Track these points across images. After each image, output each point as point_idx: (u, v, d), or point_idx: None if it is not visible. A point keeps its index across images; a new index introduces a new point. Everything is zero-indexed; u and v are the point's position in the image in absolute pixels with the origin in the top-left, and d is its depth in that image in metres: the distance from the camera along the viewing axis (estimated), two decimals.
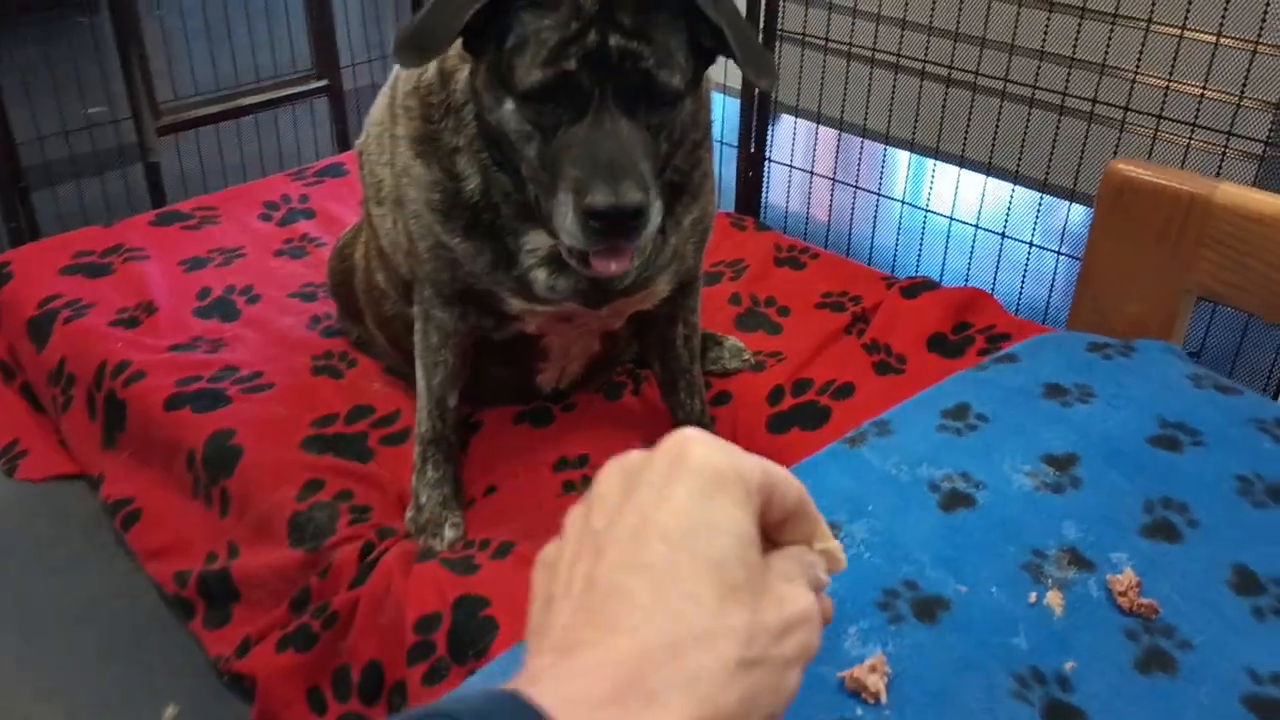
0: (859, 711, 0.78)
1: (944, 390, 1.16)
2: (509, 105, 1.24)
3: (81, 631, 1.72)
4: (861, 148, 2.75)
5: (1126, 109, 2.17)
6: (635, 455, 0.56)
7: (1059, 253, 2.39)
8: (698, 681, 0.47)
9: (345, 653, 1.53)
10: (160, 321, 2.12)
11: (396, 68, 1.58)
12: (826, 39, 2.59)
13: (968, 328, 2.09)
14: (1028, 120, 2.36)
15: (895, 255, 2.67)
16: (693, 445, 0.54)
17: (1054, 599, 0.89)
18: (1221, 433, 1.06)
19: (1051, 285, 2.55)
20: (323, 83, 3.07)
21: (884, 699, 0.79)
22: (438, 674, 1.41)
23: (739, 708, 0.48)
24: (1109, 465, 1.02)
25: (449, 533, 1.63)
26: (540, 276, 1.46)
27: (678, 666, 0.47)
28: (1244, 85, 2.05)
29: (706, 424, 1.81)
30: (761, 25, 2.68)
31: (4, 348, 2.23)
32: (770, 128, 2.81)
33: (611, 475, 0.56)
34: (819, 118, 2.64)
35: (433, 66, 1.39)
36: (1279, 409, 1.11)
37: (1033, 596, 0.89)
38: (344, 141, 3.16)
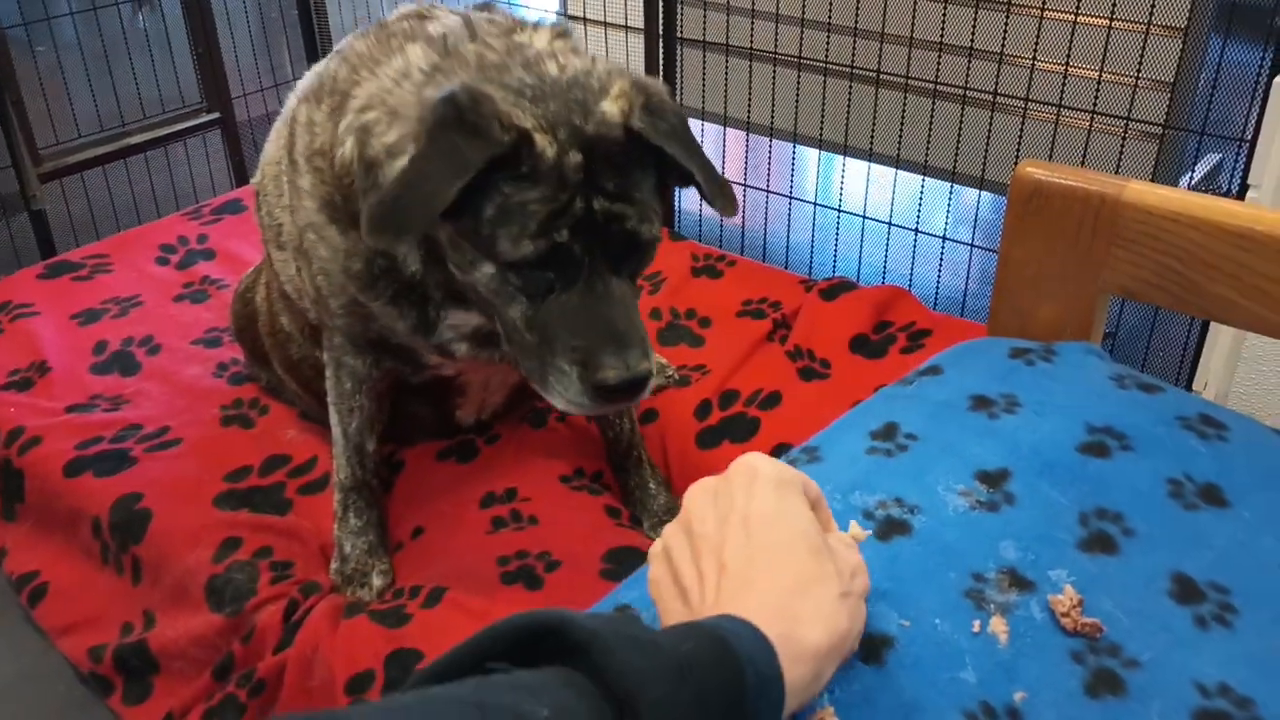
0: None
1: (870, 409, 1.13)
2: (486, 269, 1.20)
3: None
4: (770, 148, 2.74)
5: (1027, 99, 2.19)
6: (711, 480, 0.78)
7: (972, 245, 2.41)
8: (821, 607, 0.70)
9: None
10: (55, 381, 2.02)
11: (292, 100, 1.50)
12: (727, 41, 2.57)
13: (888, 326, 2.09)
14: (932, 112, 2.37)
15: (812, 255, 2.67)
16: (759, 462, 0.78)
17: (998, 626, 0.86)
18: (1148, 435, 1.05)
19: (967, 276, 2.56)
20: (214, 115, 2.96)
21: None
22: None
23: (846, 624, 0.72)
24: (1041, 478, 1.00)
25: (377, 581, 1.57)
26: (462, 349, 1.45)
27: (807, 598, 0.70)
28: (1139, 67, 2.08)
29: (636, 443, 1.77)
30: (661, 30, 2.65)
31: None
32: None
33: (699, 495, 0.77)
34: (725, 120, 2.63)
35: (349, 143, 1.28)
36: (1202, 404, 1.10)
37: (976, 625, 0.87)
38: (241, 175, 3.05)
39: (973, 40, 2.24)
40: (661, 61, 2.64)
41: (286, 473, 1.78)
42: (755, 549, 0.72)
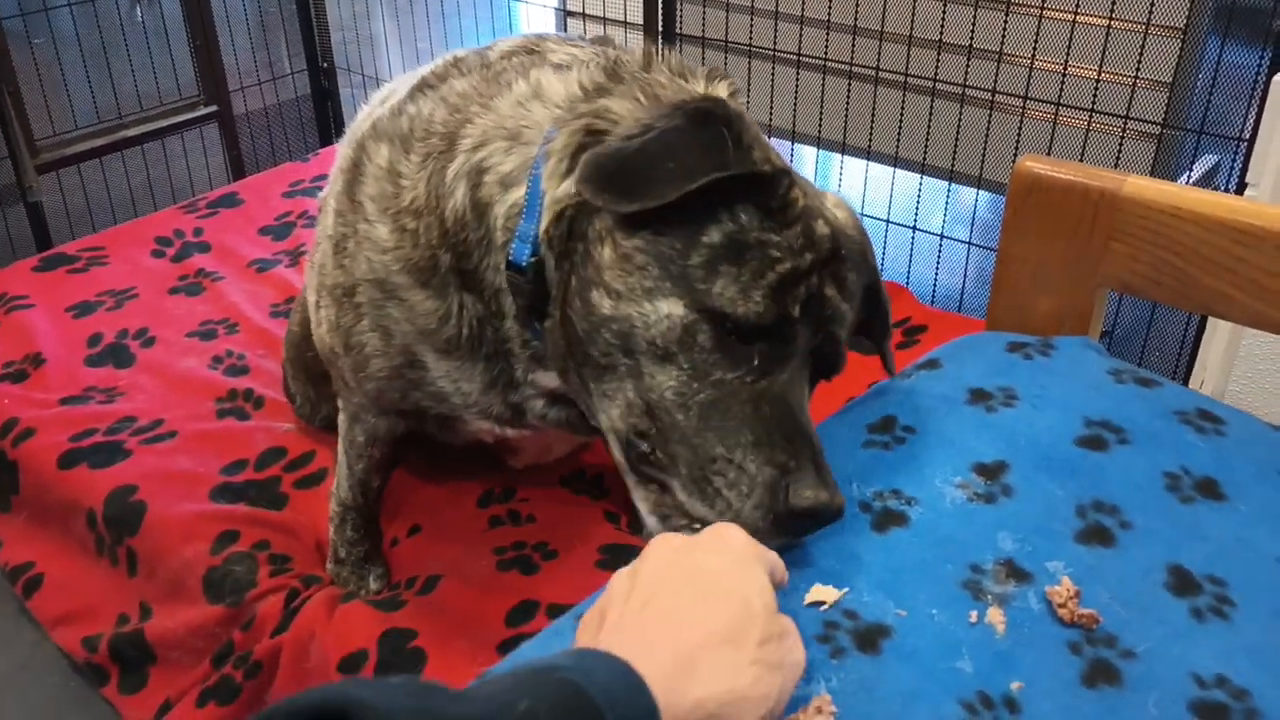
0: None
1: (868, 402, 1.14)
2: (669, 309, 0.93)
3: None
4: None
5: (1026, 97, 2.19)
6: (679, 537, 0.79)
7: (969, 243, 2.41)
8: (724, 666, 0.68)
9: (270, 702, 1.47)
10: (49, 373, 2.01)
11: (360, 130, 1.30)
12: (726, 39, 2.57)
13: None
14: (931, 111, 2.37)
15: None
16: (731, 531, 0.80)
17: (995, 616, 0.86)
18: (1146, 428, 1.05)
19: (965, 273, 2.56)
20: (211, 109, 2.96)
21: None
22: None
23: (747, 688, 0.69)
24: (1038, 470, 1.01)
25: (373, 583, 1.57)
26: (536, 406, 1.24)
27: (713, 653, 0.69)
28: (1138, 66, 2.08)
29: None
30: (661, 28, 2.65)
31: None
32: None
33: (661, 546, 0.78)
34: None
35: (460, 191, 1.12)
36: (1198, 398, 1.11)
37: (974, 616, 0.87)
38: (238, 169, 3.05)
39: (972, 39, 2.25)
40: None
41: (283, 466, 1.78)
42: (685, 598, 0.72)
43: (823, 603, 0.86)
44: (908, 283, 2.37)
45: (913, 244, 2.47)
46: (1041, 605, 0.88)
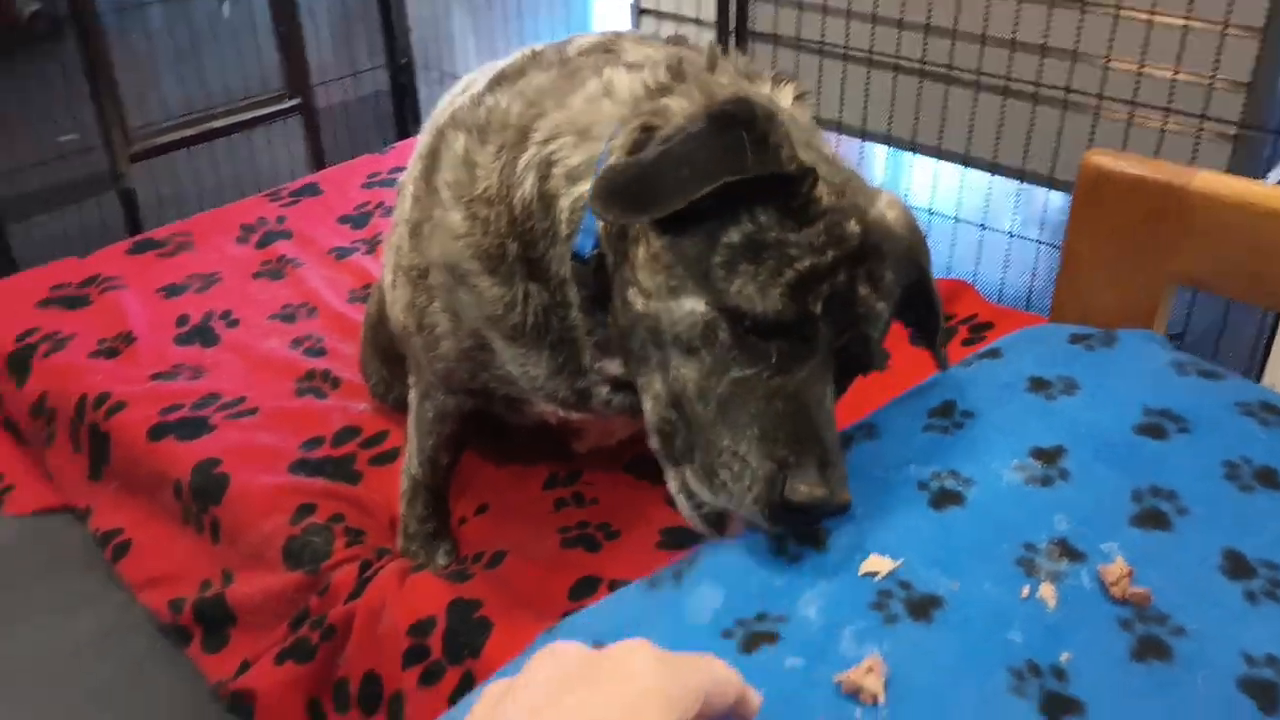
0: (857, 713, 0.78)
1: (929, 389, 1.16)
2: (693, 306, 0.97)
3: (76, 670, 1.70)
4: (837, 144, 2.75)
5: (1100, 96, 2.18)
6: (573, 653, 0.60)
7: (1039, 241, 2.40)
8: None
9: (343, 665, 1.53)
10: (140, 351, 2.11)
11: (440, 118, 1.36)
12: (798, 37, 2.59)
13: (950, 318, 2.10)
14: (1002, 110, 2.37)
15: None
16: (639, 661, 0.60)
17: (1047, 592, 0.88)
18: (1207, 418, 1.06)
19: (1033, 274, 2.55)
20: (295, 101, 3.06)
21: (882, 699, 0.79)
22: (433, 676, 1.42)
23: None
24: (1096, 456, 1.02)
25: (441, 559, 1.62)
26: (601, 392, 1.27)
27: None
28: (1215, 67, 2.06)
29: None
30: (733, 26, 2.68)
31: None
32: None
33: (544, 666, 0.59)
34: None
35: (529, 182, 1.15)
36: (1263, 392, 1.11)
37: (1025, 590, 0.89)
38: (319, 160, 3.14)
39: (1046, 37, 2.24)
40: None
41: (358, 444, 1.84)
42: None
43: (876, 573, 0.89)
44: (975, 281, 2.36)
45: (981, 242, 2.47)
46: (1094, 583, 0.90)
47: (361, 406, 1.94)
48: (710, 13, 2.72)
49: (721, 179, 0.91)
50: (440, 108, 1.46)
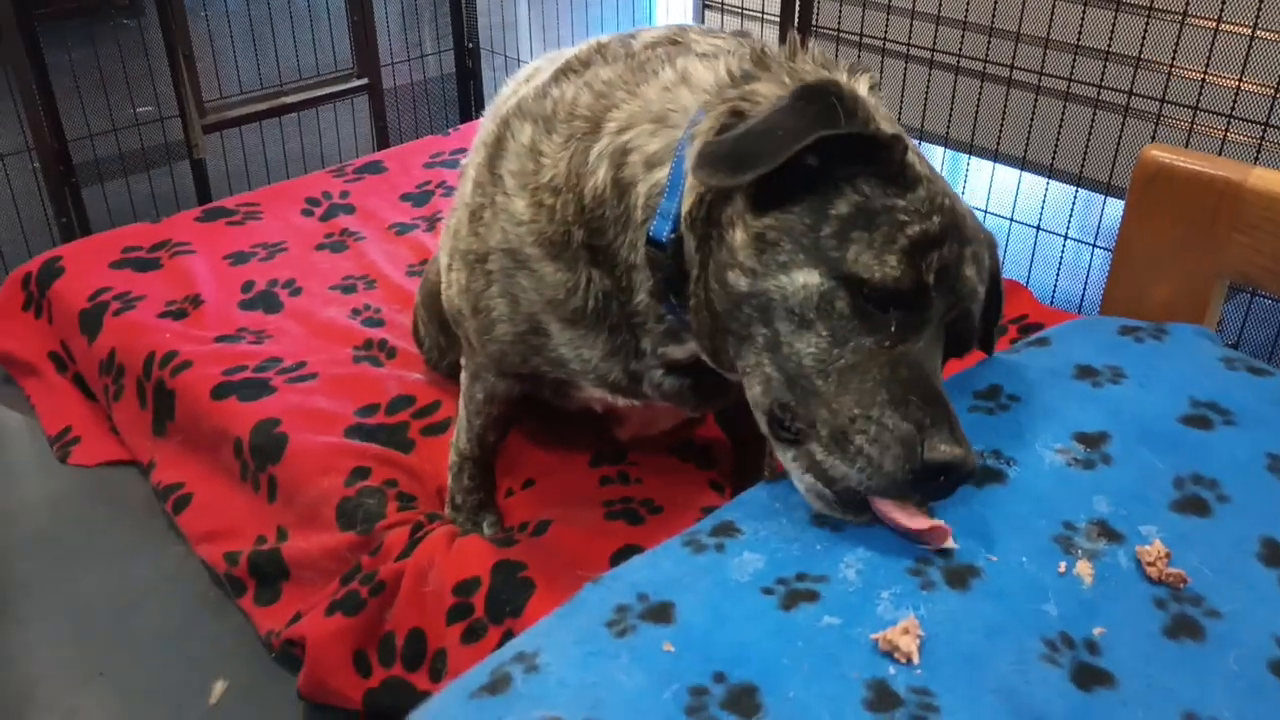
0: (891, 670, 0.81)
1: (976, 373, 1.18)
2: (808, 279, 0.98)
3: (133, 615, 1.77)
4: None
5: (1163, 100, 2.17)
6: None
7: (1094, 245, 2.39)
8: None
9: (390, 620, 1.58)
10: (206, 314, 2.17)
11: (503, 106, 1.38)
12: (861, 34, 2.61)
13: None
14: (1063, 114, 2.37)
15: None
16: None
17: (1084, 569, 0.90)
18: (1253, 412, 1.07)
19: (1086, 280, 2.55)
20: (363, 81, 3.13)
21: (916, 660, 0.81)
22: (475, 634, 1.46)
23: None
24: (1140, 443, 1.04)
25: (486, 529, 1.65)
26: (655, 375, 1.29)
27: None
28: None
29: (769, 463, 1.73)
30: (797, 22, 2.70)
31: (56, 340, 2.29)
32: None
33: None
34: None
35: (602, 170, 1.17)
36: None
37: (1062, 566, 0.91)
38: (383, 139, 3.21)
39: (1110, 43, 2.23)
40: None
41: (411, 413, 1.89)
42: None
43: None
44: (1028, 285, 2.37)
45: (1035, 245, 2.47)
46: (1131, 563, 0.92)
47: (416, 376, 1.99)
48: (775, 7, 2.74)
49: (816, 134, 0.93)
50: (503, 95, 1.49)
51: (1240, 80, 2.09)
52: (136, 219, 2.64)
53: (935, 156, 3.29)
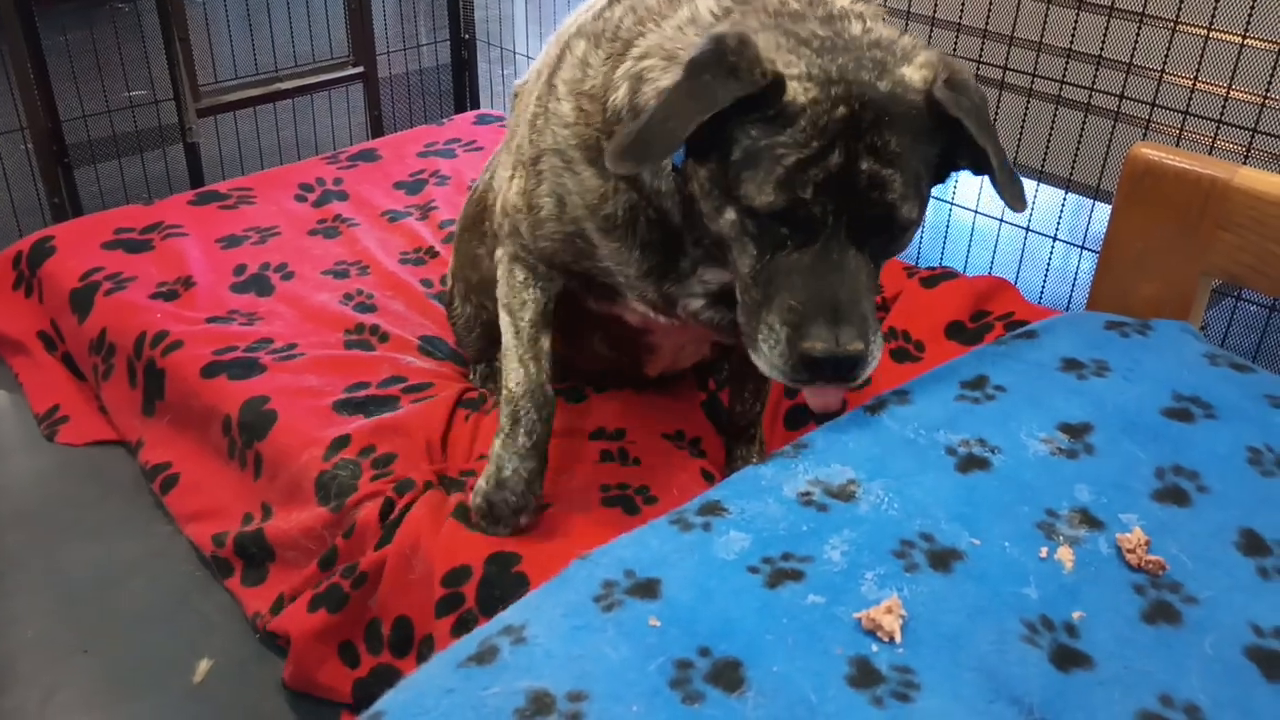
0: (874, 648, 0.82)
1: (963, 363, 1.19)
2: (729, 215, 1.16)
3: (118, 592, 1.77)
4: None
5: (1153, 105, 2.19)
6: None
7: (1082, 247, 2.41)
8: None
9: (375, 608, 1.58)
10: (198, 295, 2.17)
11: (569, 27, 1.47)
12: None
13: (986, 315, 2.12)
14: (1054, 118, 2.38)
15: (919, 249, 2.70)
16: None
17: (1065, 554, 0.92)
18: (1235, 406, 1.09)
19: (1074, 282, 2.57)
20: (358, 69, 3.13)
21: (899, 638, 0.82)
22: (466, 625, 1.45)
23: None
24: (1123, 434, 1.05)
25: (524, 520, 1.53)
26: (695, 304, 1.40)
27: None
28: (1269, 85, 2.07)
29: (756, 420, 1.77)
30: None
31: (46, 319, 2.29)
32: None
33: None
34: None
35: (622, 90, 1.28)
36: None
37: (1044, 551, 0.92)
38: (377, 128, 3.21)
39: (1102, 48, 2.25)
40: None
41: (402, 389, 1.89)
42: None
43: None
44: (1016, 285, 2.38)
45: (1024, 247, 2.49)
46: (1111, 550, 0.93)
47: (409, 359, 1.99)
48: None
49: (696, 120, 1.08)
50: (566, 24, 1.55)
51: (1229, 87, 2.11)
52: (129, 201, 2.64)
53: None
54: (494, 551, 1.50)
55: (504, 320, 1.54)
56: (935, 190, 1.24)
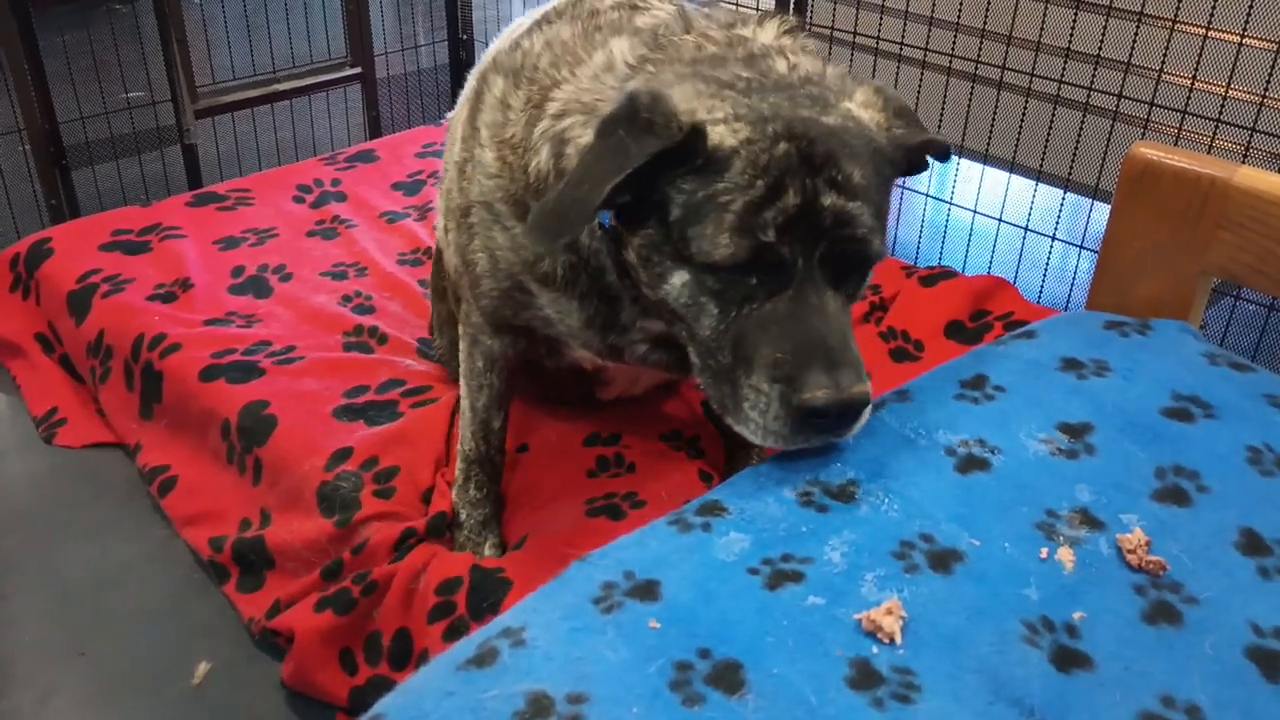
0: (874, 650, 0.82)
1: (963, 363, 1.19)
2: (678, 278, 1.07)
3: (115, 594, 1.76)
4: None
5: (1151, 104, 2.19)
6: None
7: (1081, 247, 2.41)
8: None
9: (379, 619, 1.57)
10: (196, 297, 2.17)
11: (487, 60, 1.43)
12: (855, 34, 2.62)
13: (986, 315, 2.12)
14: (1052, 118, 2.38)
15: (918, 248, 2.70)
16: None
17: (1065, 555, 0.92)
18: (1234, 406, 1.08)
19: (1072, 282, 2.57)
20: (356, 70, 3.12)
21: (899, 640, 0.82)
22: (457, 631, 1.46)
23: None
24: (1123, 434, 1.05)
25: (489, 550, 1.63)
26: (640, 349, 1.35)
27: None
28: (1267, 84, 2.07)
29: None
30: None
31: (44, 321, 2.29)
32: None
33: None
34: None
35: (544, 153, 1.22)
36: None
37: (1044, 552, 0.92)
38: (375, 128, 3.21)
39: (1100, 48, 2.25)
40: None
41: (401, 393, 1.89)
42: None
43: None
44: (1015, 284, 2.38)
45: (1023, 246, 2.49)
46: (1111, 550, 0.93)
47: (408, 362, 1.99)
48: (769, 5, 2.75)
49: (610, 181, 1.00)
50: (487, 52, 1.52)
51: (1228, 86, 2.11)
52: (126, 203, 2.64)
53: None
54: (479, 565, 1.53)
55: (462, 392, 1.61)
56: (934, 189, 1.23)
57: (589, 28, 1.28)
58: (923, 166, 1.17)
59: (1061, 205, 2.44)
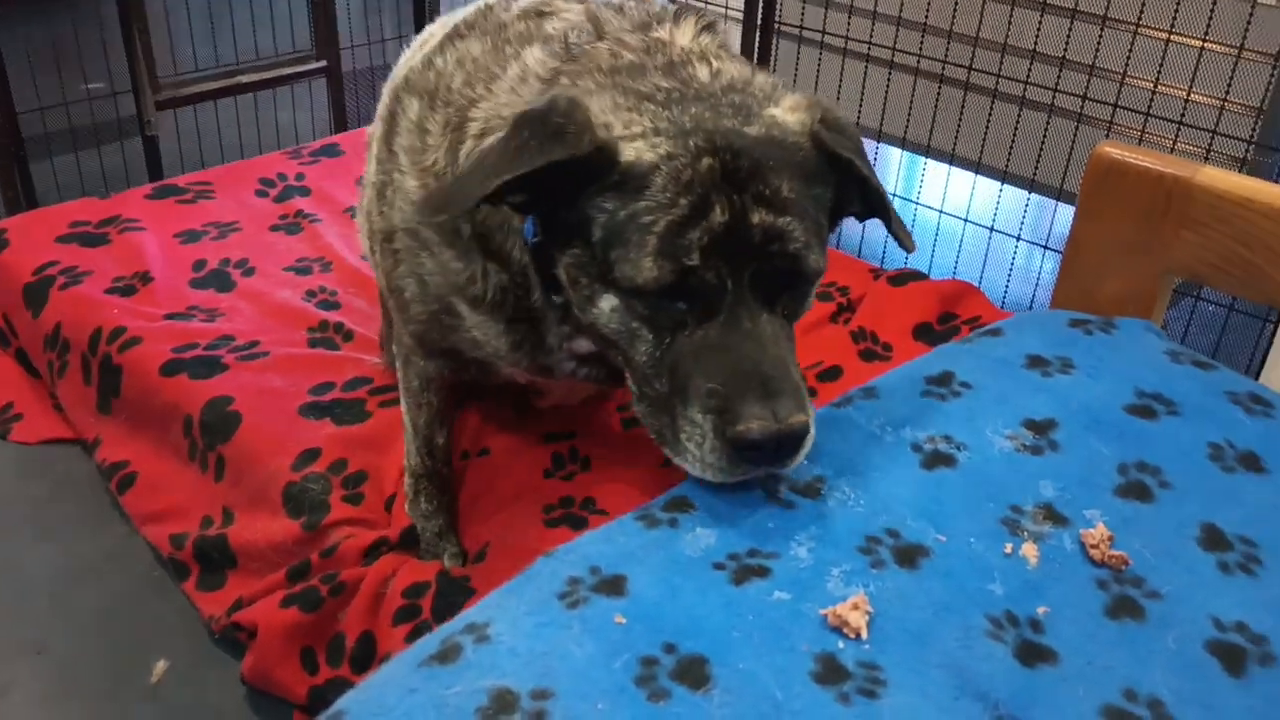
0: (840, 645, 0.81)
1: (929, 360, 1.19)
2: (607, 302, 1.03)
3: (74, 592, 1.73)
4: None
5: (1115, 106, 2.22)
6: None
7: (1045, 247, 2.43)
8: None
9: (344, 621, 1.55)
10: (156, 291, 2.14)
11: (398, 78, 1.40)
12: (823, 34, 2.63)
13: (954, 318, 2.13)
14: (1018, 119, 2.40)
15: (885, 249, 2.71)
16: None
17: (1029, 550, 0.92)
18: (1196, 403, 1.10)
19: (1037, 283, 2.59)
20: (322, 64, 3.09)
21: (864, 635, 0.82)
22: (421, 635, 1.44)
23: None
24: (1087, 431, 1.06)
25: (447, 561, 1.61)
26: (569, 366, 1.31)
27: None
28: (1228, 88, 2.10)
29: None
30: (759, 20, 2.71)
31: None
32: None
33: None
34: None
35: None
36: (1252, 384, 1.15)
37: (1009, 548, 0.92)
38: (341, 123, 3.18)
39: (1065, 50, 2.28)
40: (756, 52, 2.71)
41: (368, 391, 1.87)
42: None
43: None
44: (980, 286, 2.40)
45: (988, 247, 2.51)
46: (1075, 546, 0.94)
47: (374, 360, 1.97)
48: (739, 3, 2.76)
49: (503, 176, 0.97)
50: (399, 66, 1.47)
51: (1190, 89, 2.14)
52: (85, 195, 2.59)
53: (893, 158, 3.33)
54: (444, 570, 1.53)
55: (403, 408, 1.59)
56: (901, 190, 1.21)
57: (499, 41, 1.24)
58: (859, 208, 1.12)
59: (1026, 206, 2.46)
